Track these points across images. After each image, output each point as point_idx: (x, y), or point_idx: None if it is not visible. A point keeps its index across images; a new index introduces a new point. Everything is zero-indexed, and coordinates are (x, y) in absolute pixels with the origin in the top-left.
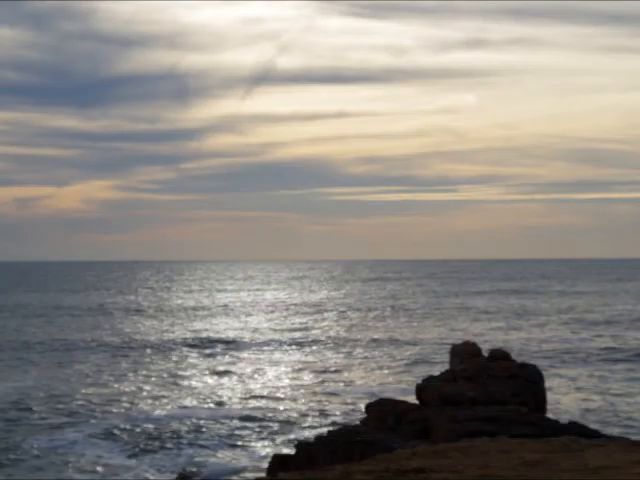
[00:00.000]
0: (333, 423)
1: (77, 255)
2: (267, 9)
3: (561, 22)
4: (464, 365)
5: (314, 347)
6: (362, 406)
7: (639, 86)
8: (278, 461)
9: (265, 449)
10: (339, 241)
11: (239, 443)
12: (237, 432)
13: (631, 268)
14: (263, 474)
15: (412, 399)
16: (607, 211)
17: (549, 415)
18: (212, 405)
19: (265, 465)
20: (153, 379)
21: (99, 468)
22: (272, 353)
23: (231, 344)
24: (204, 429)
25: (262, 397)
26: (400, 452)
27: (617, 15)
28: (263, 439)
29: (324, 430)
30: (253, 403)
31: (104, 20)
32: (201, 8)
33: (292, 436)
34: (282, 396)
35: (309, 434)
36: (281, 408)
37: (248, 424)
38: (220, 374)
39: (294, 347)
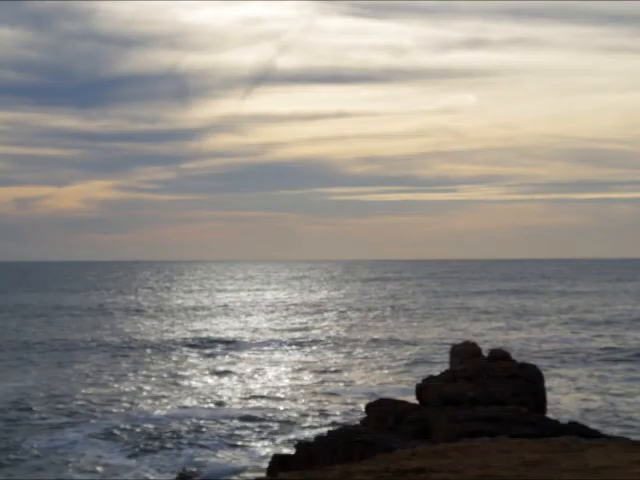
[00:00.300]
0: (333, 423)
1: (77, 255)
2: (267, 9)
3: (561, 22)
4: (464, 365)
5: (314, 347)
6: (362, 406)
7: (639, 86)
8: (278, 461)
9: (265, 449)
10: (339, 241)
11: (239, 443)
12: (237, 432)
13: (631, 268)
14: (263, 474)
15: (412, 399)
16: (607, 211)
17: (549, 415)
18: (212, 405)
19: (265, 465)
20: (153, 379)
21: (99, 468)
22: (272, 353)
23: (231, 344)
24: (204, 429)
25: (262, 397)
26: (400, 452)
27: (617, 15)
28: (263, 439)
29: (324, 430)
30: (253, 403)
31: (104, 20)
32: (201, 8)
33: (292, 436)
34: (282, 396)
35: (309, 434)
36: (281, 408)
37: (248, 424)
38: (220, 374)
39: (294, 347)
